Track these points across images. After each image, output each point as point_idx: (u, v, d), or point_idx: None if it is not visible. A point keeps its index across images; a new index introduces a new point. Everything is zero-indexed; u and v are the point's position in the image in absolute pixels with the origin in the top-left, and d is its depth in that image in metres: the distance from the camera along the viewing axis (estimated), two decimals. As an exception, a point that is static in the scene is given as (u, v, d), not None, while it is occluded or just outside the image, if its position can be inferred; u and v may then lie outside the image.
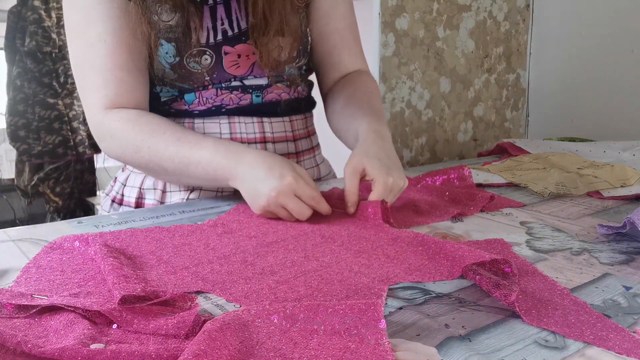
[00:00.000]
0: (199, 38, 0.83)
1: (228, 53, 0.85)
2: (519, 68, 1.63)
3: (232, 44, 0.85)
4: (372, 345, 0.42)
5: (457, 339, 0.44)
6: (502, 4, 1.53)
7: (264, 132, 0.90)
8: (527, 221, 0.76)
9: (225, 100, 0.88)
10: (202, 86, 0.87)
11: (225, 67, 0.86)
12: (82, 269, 0.57)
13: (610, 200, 0.88)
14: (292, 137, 0.95)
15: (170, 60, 0.83)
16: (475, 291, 0.54)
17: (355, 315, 0.46)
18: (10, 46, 2.68)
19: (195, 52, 0.83)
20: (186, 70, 0.84)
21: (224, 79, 0.87)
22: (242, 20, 0.85)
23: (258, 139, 0.90)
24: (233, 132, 0.89)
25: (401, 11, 1.32)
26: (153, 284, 0.54)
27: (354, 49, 1.00)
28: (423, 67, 1.39)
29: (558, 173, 1.00)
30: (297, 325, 0.45)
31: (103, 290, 0.52)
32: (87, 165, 2.99)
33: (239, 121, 0.89)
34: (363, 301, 0.48)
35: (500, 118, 1.61)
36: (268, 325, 0.45)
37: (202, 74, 0.85)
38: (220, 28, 0.84)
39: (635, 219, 0.66)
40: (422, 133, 1.43)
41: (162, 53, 0.83)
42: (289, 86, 0.93)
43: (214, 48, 0.84)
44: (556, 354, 0.42)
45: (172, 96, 0.87)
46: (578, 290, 0.54)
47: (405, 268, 0.59)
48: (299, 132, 0.96)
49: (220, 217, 0.76)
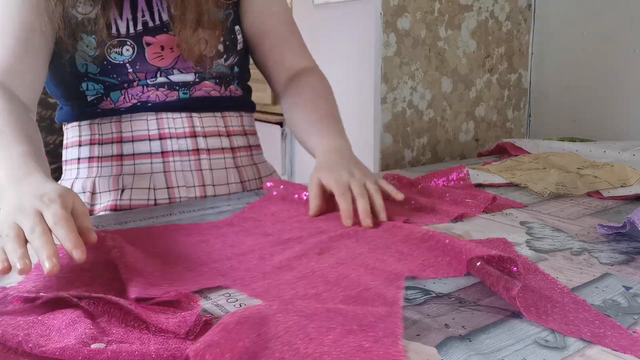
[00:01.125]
0: (119, 29, 0.84)
1: (150, 44, 0.86)
2: (520, 68, 1.63)
3: (153, 34, 0.86)
4: (386, 345, 0.42)
5: (457, 339, 0.44)
6: (504, 4, 1.53)
7: (194, 126, 0.90)
8: (527, 221, 0.76)
9: (152, 97, 0.88)
10: (126, 81, 0.86)
11: (148, 59, 0.86)
12: (92, 268, 0.57)
13: (610, 200, 0.88)
14: (225, 132, 0.93)
15: (92, 53, 0.83)
16: (476, 291, 0.54)
17: (374, 318, 0.46)
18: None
19: (116, 43, 0.84)
20: (108, 62, 0.84)
21: (148, 72, 0.87)
22: (163, 11, 0.87)
23: (187, 133, 0.89)
24: (161, 127, 0.88)
25: (403, 11, 1.32)
26: (171, 280, 0.54)
27: (295, 47, 0.99)
28: (424, 67, 1.39)
29: (558, 173, 1.00)
30: (315, 323, 0.45)
31: (109, 289, 0.52)
32: (88, 164, 2.99)
33: (166, 117, 0.89)
34: (384, 308, 0.48)
35: (501, 118, 1.61)
36: (287, 320, 0.45)
37: (124, 65, 0.85)
38: (141, 19, 0.85)
39: (635, 219, 0.66)
40: (423, 133, 1.43)
41: (82, 47, 0.83)
42: (218, 84, 0.93)
43: (135, 38, 0.85)
44: (556, 354, 0.42)
45: (98, 94, 0.87)
46: (578, 290, 0.54)
47: (419, 264, 0.59)
48: (233, 128, 0.95)
49: (236, 215, 0.77)
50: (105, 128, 0.89)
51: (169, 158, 0.88)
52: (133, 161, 0.88)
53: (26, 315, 0.47)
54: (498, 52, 1.55)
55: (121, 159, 0.88)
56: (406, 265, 0.59)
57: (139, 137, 0.88)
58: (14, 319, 0.45)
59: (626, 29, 1.44)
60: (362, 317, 0.46)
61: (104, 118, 0.88)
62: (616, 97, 1.48)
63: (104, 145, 0.89)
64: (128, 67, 0.85)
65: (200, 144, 0.90)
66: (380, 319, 0.46)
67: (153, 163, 0.88)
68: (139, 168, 0.88)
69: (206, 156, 0.90)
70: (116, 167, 0.88)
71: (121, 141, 0.88)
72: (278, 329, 0.44)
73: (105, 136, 0.89)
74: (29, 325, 0.44)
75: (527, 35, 1.62)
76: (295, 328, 0.44)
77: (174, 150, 0.88)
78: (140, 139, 0.88)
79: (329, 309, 0.47)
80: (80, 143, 0.90)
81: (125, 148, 0.88)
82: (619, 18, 1.45)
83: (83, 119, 0.90)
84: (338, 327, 0.44)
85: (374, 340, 0.43)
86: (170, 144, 0.88)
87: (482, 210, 0.81)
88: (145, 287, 0.51)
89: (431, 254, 0.61)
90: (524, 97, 1.66)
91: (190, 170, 0.89)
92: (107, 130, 0.89)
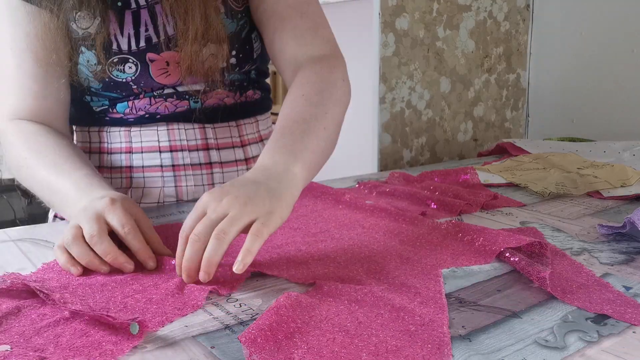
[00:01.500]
0: (120, 45, 0.77)
1: (154, 60, 0.79)
2: (519, 68, 1.63)
3: (157, 51, 0.79)
4: (431, 328, 0.45)
5: (457, 339, 0.44)
6: (502, 4, 1.53)
7: (207, 138, 0.85)
8: (527, 221, 0.76)
9: (161, 108, 0.82)
10: (132, 95, 0.81)
11: (153, 76, 0.80)
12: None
13: (610, 200, 0.88)
14: (239, 143, 0.88)
15: (93, 68, 0.78)
16: (476, 291, 0.54)
17: (421, 308, 0.49)
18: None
19: (117, 60, 0.78)
20: (110, 79, 0.79)
21: (155, 88, 0.82)
22: (168, 25, 0.78)
23: (200, 145, 0.84)
24: (172, 139, 0.83)
25: (401, 11, 1.32)
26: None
27: (304, 31, 0.79)
28: (423, 67, 1.39)
29: (558, 173, 1.00)
30: (364, 308, 0.48)
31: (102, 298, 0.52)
32: (87, 165, 2.99)
33: (178, 127, 0.83)
34: (428, 295, 0.51)
35: (500, 118, 1.61)
36: (338, 304, 0.48)
37: (127, 83, 0.79)
38: (144, 34, 0.78)
39: (635, 219, 0.66)
40: (422, 133, 1.43)
41: (83, 61, 0.78)
42: (233, 90, 0.87)
43: (138, 55, 0.78)
44: (556, 354, 0.42)
45: (104, 106, 0.83)
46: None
47: (450, 253, 0.62)
48: (248, 137, 0.89)
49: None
50: (114, 137, 0.84)
51: (180, 172, 0.84)
52: (143, 174, 0.84)
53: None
54: (496, 52, 1.55)
55: (130, 170, 0.84)
56: (439, 255, 0.62)
57: (148, 148, 0.83)
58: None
59: (624, 28, 1.44)
60: (407, 305, 0.48)
61: (113, 127, 0.84)
62: (615, 97, 1.48)
63: (113, 155, 0.85)
64: (132, 84, 0.80)
65: (213, 157, 0.85)
66: (427, 306, 0.49)
67: (164, 177, 0.84)
68: (149, 181, 0.84)
69: (219, 169, 0.86)
70: (125, 179, 0.84)
71: (131, 152, 0.84)
72: (329, 312, 0.47)
73: (114, 145, 0.84)
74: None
75: (526, 35, 1.62)
76: (346, 312, 0.47)
77: (186, 164, 0.84)
78: (151, 151, 0.83)
79: (376, 297, 0.50)
80: (90, 149, 0.86)
81: (135, 159, 0.84)
82: (617, 18, 1.45)
83: (92, 126, 0.86)
84: (386, 313, 0.47)
85: (420, 324, 0.45)
86: (181, 157, 0.84)
87: (480, 206, 0.82)
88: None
89: (459, 244, 0.65)
90: (522, 97, 1.66)
91: (202, 185, 0.85)
92: (116, 139, 0.84)
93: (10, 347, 0.41)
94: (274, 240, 0.66)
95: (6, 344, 0.42)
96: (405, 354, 0.41)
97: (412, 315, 0.47)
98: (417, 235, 0.68)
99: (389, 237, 0.67)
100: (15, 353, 0.40)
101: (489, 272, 0.58)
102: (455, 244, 0.65)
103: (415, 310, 0.47)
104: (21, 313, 0.47)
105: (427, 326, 0.45)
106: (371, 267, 0.58)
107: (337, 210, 0.79)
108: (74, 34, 0.76)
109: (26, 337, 0.43)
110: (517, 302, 0.51)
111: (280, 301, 0.46)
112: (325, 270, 0.57)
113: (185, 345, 0.43)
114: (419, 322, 0.46)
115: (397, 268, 0.58)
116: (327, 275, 0.55)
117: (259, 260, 0.60)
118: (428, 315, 0.47)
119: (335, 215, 0.76)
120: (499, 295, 0.53)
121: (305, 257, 0.60)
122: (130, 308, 0.49)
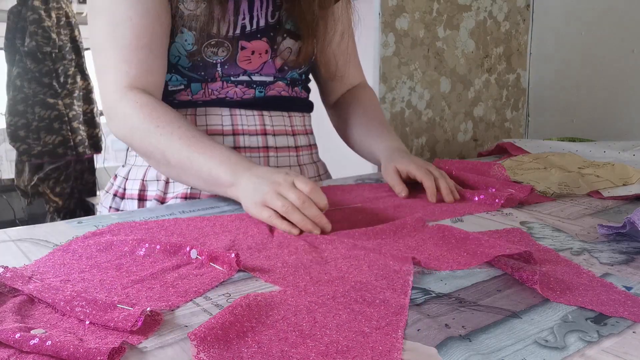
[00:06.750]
0: (220, 30, 0.85)
1: (245, 48, 0.89)
2: (519, 68, 1.62)
3: (248, 39, 0.88)
4: (385, 332, 0.44)
5: (457, 339, 0.44)
6: (502, 4, 1.53)
7: (265, 124, 0.93)
8: (527, 221, 0.76)
9: (230, 93, 0.91)
10: (211, 78, 0.89)
11: (238, 61, 0.89)
12: (92, 270, 0.57)
13: (610, 200, 0.88)
14: (291, 131, 0.97)
15: (189, 47, 0.86)
16: (476, 291, 0.54)
17: (381, 307, 0.49)
18: (10, 46, 2.68)
19: (214, 43, 0.86)
20: (201, 59, 0.87)
21: (234, 73, 0.90)
22: (262, 17, 0.89)
23: (259, 131, 0.93)
24: (235, 123, 0.91)
25: (401, 11, 1.32)
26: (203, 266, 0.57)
27: (356, 63, 1.09)
28: (423, 67, 1.39)
29: (559, 172, 1.00)
30: (323, 308, 0.48)
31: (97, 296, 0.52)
32: (87, 165, 2.99)
33: (240, 113, 0.91)
34: (393, 298, 0.51)
35: (500, 118, 1.61)
36: (298, 304, 0.49)
37: (215, 64, 0.88)
38: (241, 22, 0.87)
39: (635, 219, 0.66)
40: (422, 133, 1.43)
41: (180, 40, 0.85)
42: (289, 85, 0.97)
43: (232, 41, 0.87)
44: (556, 354, 0.42)
45: (180, 85, 0.89)
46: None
47: (426, 256, 0.62)
48: (297, 128, 0.99)
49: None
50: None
51: (240, 154, 0.88)
52: None
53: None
54: (496, 52, 1.55)
55: None
56: (416, 255, 0.62)
57: (213, 131, 0.90)
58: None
59: (624, 29, 1.44)
60: (369, 305, 0.48)
61: (180, 109, 0.89)
62: (615, 97, 1.48)
63: None
64: (218, 67, 0.88)
65: (269, 141, 0.93)
66: (387, 308, 0.48)
67: None
68: None
69: (274, 154, 0.94)
70: None
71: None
72: (287, 313, 0.47)
73: None
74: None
75: (526, 35, 1.62)
76: (305, 312, 0.47)
77: (246, 147, 0.91)
78: (215, 133, 0.90)
79: (338, 297, 0.50)
80: None
81: None
82: (617, 18, 1.45)
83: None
84: (345, 313, 0.47)
85: (375, 328, 0.45)
86: (242, 140, 0.91)
87: (522, 197, 0.85)
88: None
89: (438, 249, 0.64)
90: (522, 96, 1.66)
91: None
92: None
93: (44, 331, 0.42)
94: (259, 236, 0.68)
95: (37, 328, 0.42)
96: (353, 354, 0.41)
97: (369, 317, 0.46)
98: (397, 238, 0.67)
99: (368, 238, 0.68)
100: (54, 334, 0.41)
101: (489, 272, 0.58)
102: (434, 248, 0.64)
103: (373, 313, 0.47)
104: (35, 303, 0.48)
105: (382, 330, 0.45)
106: (342, 267, 0.58)
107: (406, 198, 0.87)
108: (178, 14, 0.83)
109: (51, 323, 0.44)
110: (517, 302, 0.51)
111: (238, 301, 0.46)
112: (295, 267, 0.57)
113: (185, 345, 0.43)
114: (375, 325, 0.45)
115: (370, 265, 0.58)
116: (296, 273, 0.56)
117: (254, 265, 0.60)
118: (386, 317, 0.47)
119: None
120: (499, 295, 0.53)
121: (282, 256, 0.61)
122: (133, 297, 0.50)
